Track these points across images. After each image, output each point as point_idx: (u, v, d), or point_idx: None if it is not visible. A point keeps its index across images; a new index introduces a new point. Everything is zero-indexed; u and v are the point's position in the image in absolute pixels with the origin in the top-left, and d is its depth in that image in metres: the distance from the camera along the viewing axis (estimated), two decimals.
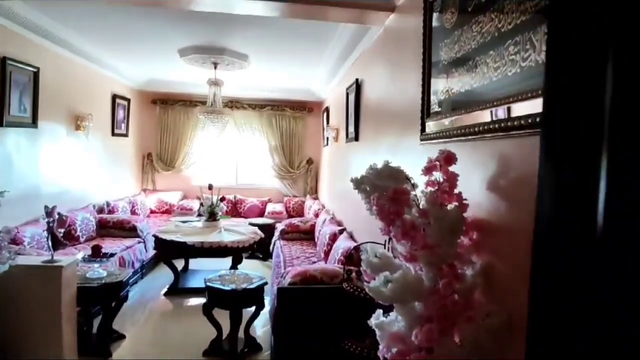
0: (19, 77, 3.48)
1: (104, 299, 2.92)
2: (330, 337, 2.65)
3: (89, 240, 4.44)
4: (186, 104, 6.82)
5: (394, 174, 1.44)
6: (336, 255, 3.38)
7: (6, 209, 3.44)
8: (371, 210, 1.37)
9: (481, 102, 1.44)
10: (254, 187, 7.25)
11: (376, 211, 1.28)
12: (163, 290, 4.37)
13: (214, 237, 4.28)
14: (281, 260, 4.10)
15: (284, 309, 2.65)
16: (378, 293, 1.21)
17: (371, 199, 1.31)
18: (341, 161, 4.73)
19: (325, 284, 2.73)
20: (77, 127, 4.59)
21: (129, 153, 6.41)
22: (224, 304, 2.93)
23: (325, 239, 4.07)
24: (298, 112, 7.07)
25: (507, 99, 1.25)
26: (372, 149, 3.31)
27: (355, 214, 3.78)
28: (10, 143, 3.50)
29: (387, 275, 1.22)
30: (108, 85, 5.48)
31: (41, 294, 2.46)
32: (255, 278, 3.11)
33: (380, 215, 1.27)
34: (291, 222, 5.21)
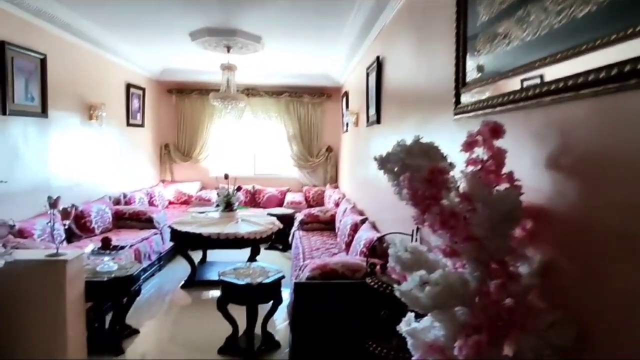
0: (23, 64, 3.36)
1: (114, 294, 2.79)
2: (352, 335, 2.43)
3: (105, 232, 4.35)
4: (202, 93, 6.66)
5: (427, 151, 1.18)
6: (358, 247, 3.14)
7: (15, 201, 3.38)
8: (401, 195, 1.12)
9: (536, 60, 1.15)
10: (272, 177, 7.07)
11: (408, 195, 1.03)
12: (180, 282, 4.26)
13: (230, 228, 4.11)
14: (300, 252, 3.89)
15: (302, 305, 2.44)
16: (413, 299, 0.96)
17: (401, 181, 1.06)
18: (362, 147, 4.45)
19: (347, 279, 2.50)
20: (90, 117, 4.49)
21: (146, 144, 6.32)
22: (238, 299, 2.75)
23: (346, 230, 3.83)
24: (316, 99, 6.80)
25: (580, 47, 0.96)
26: (396, 131, 3.03)
27: (378, 203, 3.52)
28: (17, 133, 3.40)
29: (424, 276, 0.97)
30: (122, 74, 5.36)
31: (44, 291, 2.33)
32: (272, 271, 2.91)
33: (413, 200, 1.02)
34: (310, 212, 4.99)
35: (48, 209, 2.44)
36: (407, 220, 2.65)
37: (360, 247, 3.09)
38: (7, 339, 2.34)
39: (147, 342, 3.03)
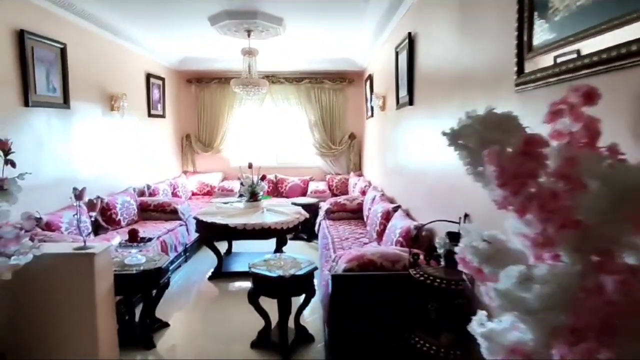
0: (43, 54, 3.28)
1: (144, 286, 2.71)
2: (393, 329, 2.28)
3: (131, 224, 4.32)
4: (222, 82, 6.54)
5: (503, 123, 0.99)
6: (393, 236, 2.97)
7: (42, 193, 3.32)
8: (479, 174, 0.94)
9: None
10: (294, 165, 6.93)
11: (496, 173, 0.85)
12: (207, 274, 4.19)
13: (256, 219, 4.00)
14: (329, 242, 3.75)
15: (339, 298, 2.30)
16: (515, 301, 0.79)
17: (484, 156, 0.88)
18: (391, 131, 4.25)
19: (385, 270, 2.34)
20: (112, 108, 4.42)
21: (168, 135, 6.26)
22: (270, 292, 2.62)
23: (377, 218, 3.66)
24: (338, 84, 6.59)
25: None
26: (432, 112, 2.82)
27: (412, 189, 3.33)
28: (40, 124, 3.34)
29: (524, 272, 0.79)
30: (141, 63, 5.27)
31: (73, 285, 2.26)
32: (304, 262, 2.78)
33: (501, 178, 0.84)
34: (337, 201, 4.84)
35: (74, 200, 2.35)
36: (449, 208, 2.47)
37: (395, 237, 2.92)
38: (38, 335, 2.29)
39: (178, 336, 2.96)
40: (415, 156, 3.23)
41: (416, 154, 3.20)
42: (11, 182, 2.12)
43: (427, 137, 2.90)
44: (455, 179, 2.29)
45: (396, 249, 2.56)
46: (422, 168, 3.02)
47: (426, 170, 2.91)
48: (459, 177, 2.21)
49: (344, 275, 2.27)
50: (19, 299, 2.27)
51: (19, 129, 3.09)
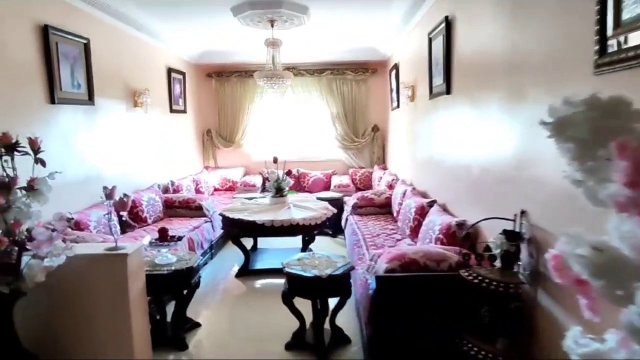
0: (67, 49, 3.21)
1: (175, 287, 2.64)
2: (438, 332, 2.15)
3: (157, 221, 4.27)
4: (242, 75, 6.44)
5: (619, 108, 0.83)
6: (432, 234, 2.82)
7: (69, 191, 3.28)
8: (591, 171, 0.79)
9: None
10: (316, 159, 6.80)
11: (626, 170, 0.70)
12: (233, 270, 4.13)
13: (283, 215, 3.89)
14: (360, 239, 3.62)
15: (382, 300, 2.17)
16: None
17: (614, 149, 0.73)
18: (422, 123, 4.07)
19: (430, 270, 2.20)
20: (135, 104, 4.36)
21: (189, 130, 6.21)
22: (306, 293, 2.52)
23: (410, 214, 3.51)
24: (360, 75, 6.40)
25: None
26: (473, 101, 2.64)
27: (449, 183, 3.16)
28: (66, 122, 3.29)
29: None
30: (162, 58, 5.20)
31: (106, 286, 2.19)
32: (339, 261, 2.65)
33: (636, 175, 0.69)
34: (364, 196, 4.69)
35: (104, 199, 2.28)
36: (498, 203, 2.30)
37: (435, 234, 2.77)
38: (71, 336, 2.24)
39: (210, 336, 2.89)
40: (453, 148, 3.05)
41: (454, 145, 3.03)
42: (42, 182, 2.06)
43: (468, 128, 2.73)
44: (508, 172, 2.12)
45: (439, 248, 2.41)
46: (462, 160, 2.85)
47: (467, 162, 2.74)
48: (513, 170, 2.05)
49: (388, 276, 2.14)
50: (51, 300, 2.21)
51: (46, 126, 3.05)
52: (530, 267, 1.79)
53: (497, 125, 2.29)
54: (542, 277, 1.71)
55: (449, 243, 2.62)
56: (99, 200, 3.50)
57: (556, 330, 1.62)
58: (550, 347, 1.68)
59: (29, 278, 1.97)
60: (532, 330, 1.82)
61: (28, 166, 1.97)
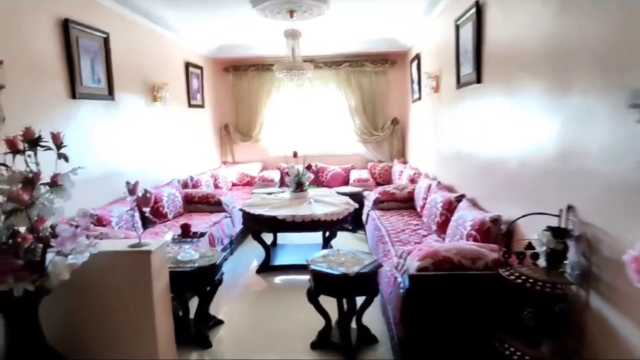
0: (87, 43, 3.18)
1: (199, 284, 2.59)
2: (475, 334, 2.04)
3: (177, 216, 4.25)
4: (259, 69, 6.36)
5: None
6: (462, 230, 2.70)
7: (91, 187, 3.26)
8: None
9: None
10: (334, 153, 6.69)
11: None
12: (253, 266, 4.08)
13: (305, 210, 3.81)
14: (384, 234, 3.51)
15: (414, 299, 2.07)
16: None
17: None
18: (447, 114, 3.92)
19: (465, 269, 2.09)
20: (154, 98, 4.33)
21: (207, 125, 6.18)
22: (333, 291, 2.43)
23: (436, 209, 3.38)
24: (379, 66, 6.25)
25: None
26: (508, 90, 2.49)
27: (480, 177, 3.03)
28: (87, 117, 3.26)
29: None
30: (180, 52, 5.16)
31: (129, 284, 2.15)
32: (366, 258, 2.56)
33: None
34: (385, 190, 4.57)
35: (127, 195, 2.23)
36: (538, 198, 2.16)
37: (466, 230, 2.65)
38: (96, 335, 2.21)
39: (233, 334, 2.84)
40: (484, 140, 2.91)
41: (485, 137, 2.89)
42: (65, 178, 2.02)
43: (502, 119, 2.58)
44: (550, 165, 1.98)
45: (473, 245, 2.29)
46: (495, 153, 2.71)
47: (501, 155, 2.60)
48: (557, 162, 1.91)
49: (421, 275, 2.03)
50: (75, 298, 2.18)
51: (67, 122, 3.02)
52: (580, 267, 1.66)
53: (536, 116, 2.15)
54: (595, 278, 1.58)
55: (482, 240, 2.50)
56: (119, 195, 3.50)
57: (611, 335, 1.50)
58: (604, 353, 1.55)
59: (53, 275, 1.93)
60: (580, 334, 1.70)
61: (50, 162, 1.92)
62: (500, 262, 2.02)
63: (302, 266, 3.93)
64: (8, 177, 1.84)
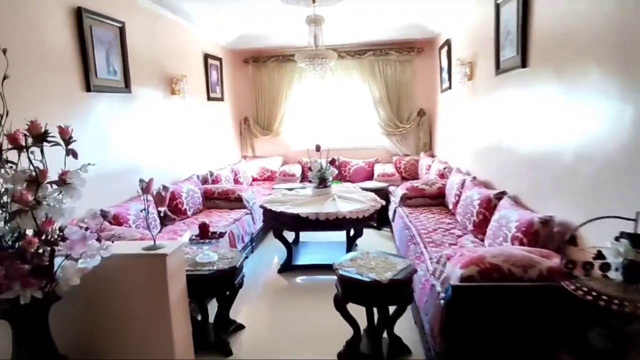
0: (102, 34, 3.04)
1: (218, 288, 2.42)
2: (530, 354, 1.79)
3: (196, 213, 4.12)
4: (279, 60, 6.16)
5: None
6: (506, 231, 2.43)
7: (108, 183, 3.13)
8: None
9: None
10: (357, 147, 6.43)
11: None
12: (274, 265, 3.92)
13: (329, 207, 3.60)
14: (415, 234, 3.26)
15: (457, 312, 1.83)
16: None
17: None
18: (483, 103, 3.61)
19: (516, 278, 1.83)
20: (172, 91, 4.18)
21: (227, 118, 6.02)
22: (363, 300, 2.21)
23: (472, 207, 3.11)
24: (405, 55, 5.93)
25: None
26: (563, 74, 2.20)
27: (524, 172, 2.74)
28: (102, 111, 3.13)
29: None
30: (198, 43, 5.00)
31: (144, 288, 2.01)
32: (398, 262, 2.33)
33: None
34: (413, 186, 4.31)
35: (140, 194, 2.07)
36: (605, 197, 1.86)
37: (510, 232, 2.38)
38: (109, 340, 2.08)
39: (255, 341, 2.66)
40: (530, 130, 2.62)
41: (531, 127, 2.59)
42: (74, 175, 1.86)
43: (555, 107, 2.29)
44: (619, 160, 1.69)
45: (522, 250, 2.02)
46: (544, 145, 2.42)
47: (554, 148, 2.31)
48: (629, 157, 1.63)
49: (466, 286, 1.79)
50: (87, 303, 2.05)
51: (82, 116, 2.90)
52: None
53: (599, 105, 1.86)
54: None
55: (530, 243, 2.23)
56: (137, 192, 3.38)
57: None
58: None
59: (63, 281, 1.79)
60: None
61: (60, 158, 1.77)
62: (557, 270, 1.77)
63: (326, 266, 3.75)
64: (12, 176, 1.70)
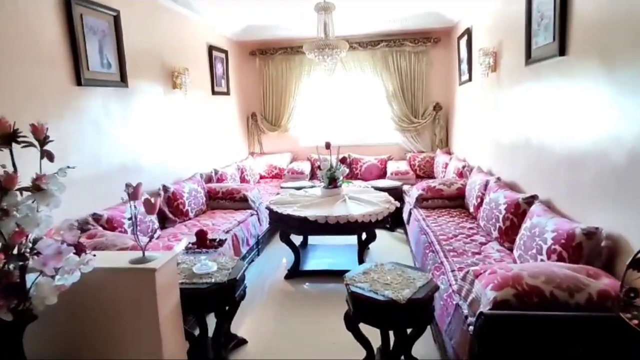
0: (94, 23, 2.81)
1: (215, 303, 2.19)
2: None
3: (199, 214, 3.90)
4: (287, 52, 5.88)
5: None
6: (541, 243, 2.13)
7: (104, 183, 2.92)
8: None
9: None
10: (369, 143, 6.14)
11: None
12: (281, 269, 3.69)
13: (339, 210, 3.34)
14: (433, 241, 2.98)
15: (489, 343, 1.56)
16: None
17: None
18: (509, 96, 3.29)
19: (560, 303, 1.55)
20: (174, 85, 3.95)
21: (233, 113, 5.78)
22: (377, 321, 1.95)
23: (498, 212, 2.82)
24: (420, 46, 5.60)
25: None
26: (613, 63, 1.88)
27: (561, 174, 2.43)
28: (96, 107, 2.91)
29: None
30: (202, 34, 4.75)
31: (131, 306, 1.78)
32: (417, 277, 2.05)
33: None
34: (430, 186, 4.01)
35: (127, 200, 1.84)
36: None
37: (546, 244, 2.09)
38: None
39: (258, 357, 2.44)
40: (569, 126, 2.31)
41: (570, 122, 2.28)
42: (51, 180, 1.63)
43: (603, 101, 1.98)
44: None
45: (564, 268, 1.73)
46: (589, 144, 2.11)
47: (600, 147, 2.00)
48: None
49: (502, 315, 1.51)
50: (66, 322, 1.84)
51: (73, 112, 2.68)
52: None
53: None
54: None
55: (570, 259, 1.94)
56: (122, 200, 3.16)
57: None
58: None
59: (37, 300, 1.57)
60: None
61: None
62: (609, 295, 1.49)
63: (336, 272, 3.51)
64: None
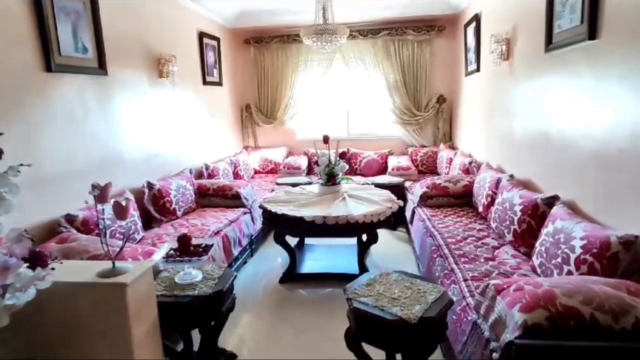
0: (66, 3, 2.51)
1: (199, 318, 1.94)
2: None
3: (188, 212, 3.63)
4: (284, 40, 5.58)
5: None
6: (568, 251, 1.89)
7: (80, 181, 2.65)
8: None
9: None
10: (369, 137, 5.88)
11: None
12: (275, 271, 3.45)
13: (338, 209, 3.09)
14: (441, 244, 2.73)
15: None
16: None
17: None
18: (524, 87, 3.03)
19: (604, 331, 1.31)
20: (160, 74, 3.66)
21: (226, 105, 5.49)
22: (382, 342, 1.71)
23: (513, 213, 2.57)
24: (424, 34, 5.31)
25: None
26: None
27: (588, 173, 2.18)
28: (69, 95, 2.62)
29: None
30: (192, 20, 4.45)
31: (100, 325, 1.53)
32: (428, 289, 1.81)
33: None
34: (434, 183, 3.76)
35: (93, 203, 1.58)
36: None
37: (575, 253, 1.84)
38: None
39: None
40: (602, 121, 2.05)
41: (604, 117, 2.03)
42: (1, 181, 1.37)
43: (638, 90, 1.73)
44: None
45: (604, 285, 1.49)
46: (624, 141, 1.86)
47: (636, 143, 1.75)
48: None
49: (533, 346, 1.27)
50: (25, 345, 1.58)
51: (42, 100, 2.40)
52: None
53: None
54: None
55: (604, 271, 1.69)
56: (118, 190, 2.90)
57: None
58: None
59: None
60: None
61: None
62: None
63: (335, 275, 3.27)
64: None
